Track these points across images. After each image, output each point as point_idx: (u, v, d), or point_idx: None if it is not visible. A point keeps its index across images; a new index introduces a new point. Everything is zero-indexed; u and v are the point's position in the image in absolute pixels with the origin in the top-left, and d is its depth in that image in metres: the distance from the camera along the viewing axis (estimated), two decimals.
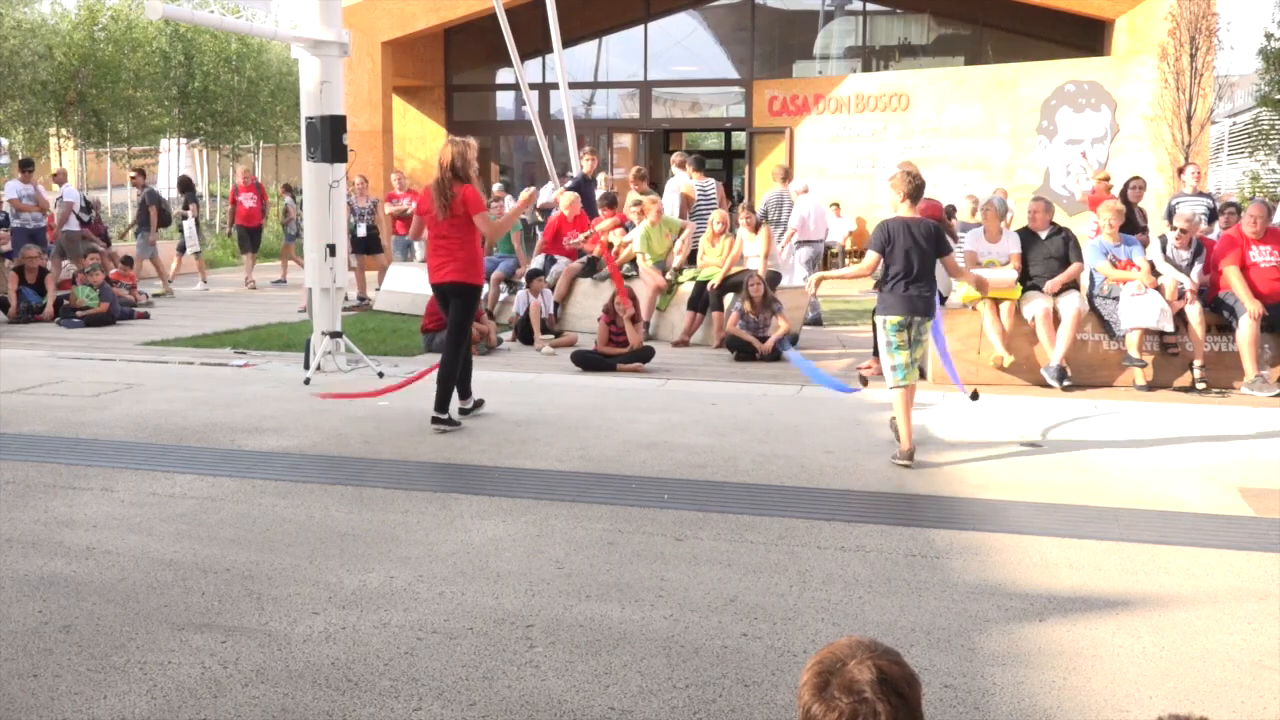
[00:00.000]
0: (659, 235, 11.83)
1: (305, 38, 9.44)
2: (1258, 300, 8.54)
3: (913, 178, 6.60)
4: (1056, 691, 3.56)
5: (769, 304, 10.45)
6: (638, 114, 23.06)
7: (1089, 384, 8.74)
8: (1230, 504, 5.64)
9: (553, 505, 5.56)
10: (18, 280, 13.26)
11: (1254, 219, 8.86)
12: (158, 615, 4.15)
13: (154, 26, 21.38)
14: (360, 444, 6.88)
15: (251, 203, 17.31)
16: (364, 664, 3.73)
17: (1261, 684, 3.62)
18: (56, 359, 10.17)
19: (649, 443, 6.88)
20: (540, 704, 3.46)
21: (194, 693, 3.52)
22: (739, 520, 5.31)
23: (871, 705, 1.76)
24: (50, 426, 7.30)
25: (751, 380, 9.17)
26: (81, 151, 23.64)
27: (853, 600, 4.33)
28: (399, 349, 10.68)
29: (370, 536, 5.08)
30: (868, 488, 5.94)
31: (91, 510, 5.46)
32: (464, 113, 23.73)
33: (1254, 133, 19.72)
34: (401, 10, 21.08)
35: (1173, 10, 16.75)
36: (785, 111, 20.92)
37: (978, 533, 5.16)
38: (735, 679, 3.63)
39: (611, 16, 22.67)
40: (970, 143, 19.13)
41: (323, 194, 9.51)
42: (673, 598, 4.33)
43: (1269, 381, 8.44)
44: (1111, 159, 18.35)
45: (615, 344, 10.06)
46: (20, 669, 3.69)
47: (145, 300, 14.55)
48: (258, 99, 24.40)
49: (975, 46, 21.61)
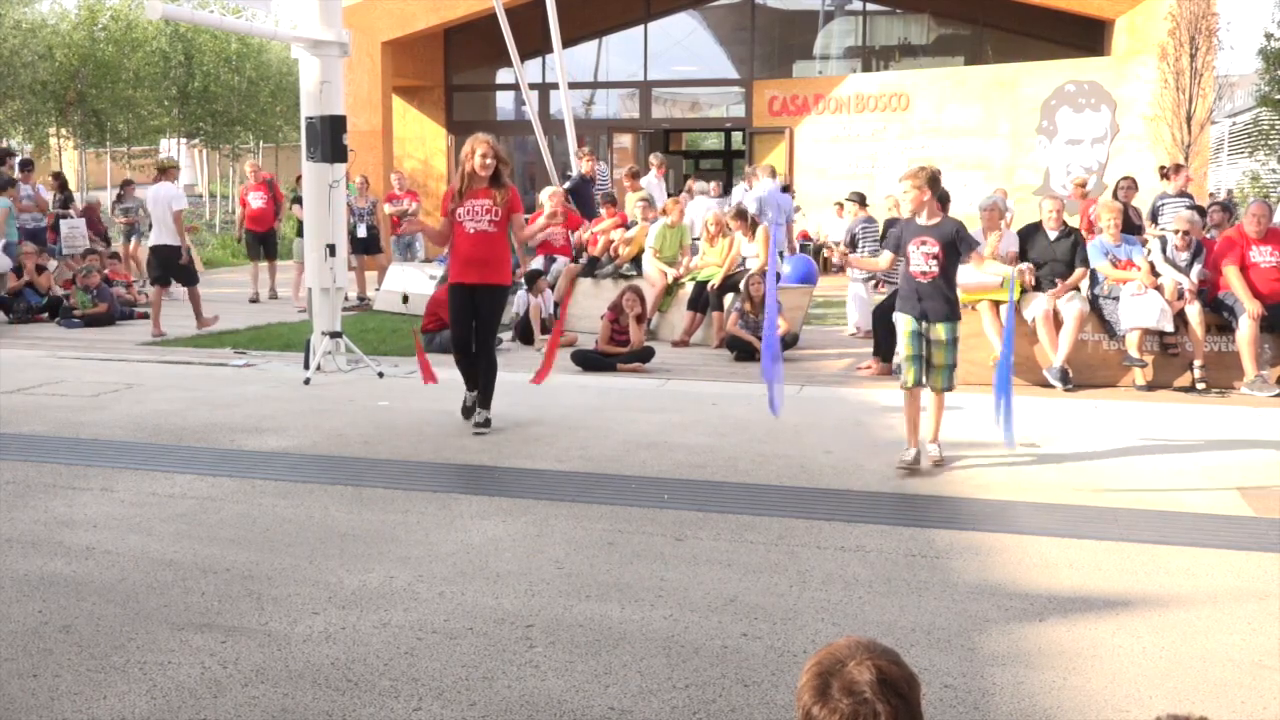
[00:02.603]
0: (674, 237, 11.85)
1: (305, 38, 9.44)
2: (1257, 300, 8.54)
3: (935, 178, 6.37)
4: (1056, 691, 3.56)
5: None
6: (638, 114, 23.07)
7: (1089, 384, 8.73)
8: (1230, 504, 5.64)
9: (553, 505, 5.56)
10: (18, 280, 13.26)
11: (1255, 218, 8.86)
12: (158, 615, 4.15)
13: (154, 26, 21.39)
14: (360, 444, 6.88)
15: (260, 203, 15.14)
16: (364, 664, 3.73)
17: (1261, 684, 3.62)
18: (56, 359, 10.17)
19: (649, 443, 6.88)
20: (540, 704, 3.46)
21: (194, 693, 3.52)
22: (739, 520, 5.31)
23: (871, 706, 1.76)
24: (50, 426, 7.30)
25: (751, 380, 9.15)
26: (81, 151, 23.65)
27: (853, 600, 4.32)
28: (399, 349, 10.67)
29: (370, 536, 5.08)
30: (868, 488, 5.94)
31: (91, 510, 5.46)
32: (464, 113, 23.72)
33: (1254, 133, 19.74)
34: (401, 10, 21.09)
35: (1173, 10, 16.75)
36: (785, 111, 20.92)
37: (978, 533, 5.16)
38: (735, 679, 3.63)
39: (611, 16, 22.67)
40: (970, 143, 19.13)
41: (323, 194, 9.51)
42: (673, 598, 4.33)
43: (1269, 381, 8.44)
44: (1111, 159, 18.36)
45: (617, 342, 10.06)
46: (20, 669, 3.69)
47: (145, 300, 14.54)
48: (258, 99, 24.41)
49: (975, 46, 21.61)
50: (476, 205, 7.03)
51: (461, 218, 7.05)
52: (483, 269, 7.07)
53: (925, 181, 6.24)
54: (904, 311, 6.37)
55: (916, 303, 6.29)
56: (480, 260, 7.05)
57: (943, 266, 6.25)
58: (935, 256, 6.23)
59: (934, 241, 6.24)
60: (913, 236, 6.32)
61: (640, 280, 11.68)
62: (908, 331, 6.31)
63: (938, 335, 6.26)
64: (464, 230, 7.05)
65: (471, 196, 7.05)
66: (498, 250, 7.12)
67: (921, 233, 6.30)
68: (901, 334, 6.39)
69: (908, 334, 6.31)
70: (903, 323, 6.37)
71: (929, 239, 6.26)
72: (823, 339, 11.72)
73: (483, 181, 7.04)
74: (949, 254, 6.26)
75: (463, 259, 7.12)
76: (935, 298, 6.26)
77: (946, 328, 6.27)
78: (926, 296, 6.26)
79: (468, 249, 7.07)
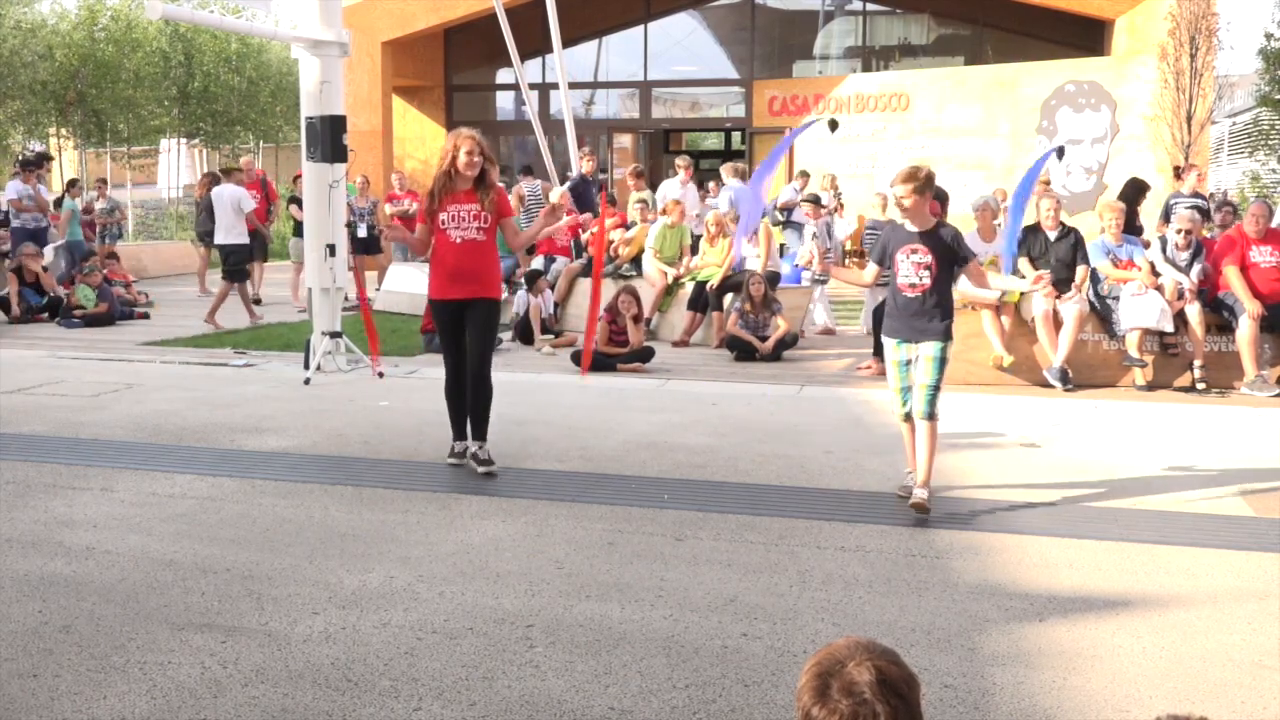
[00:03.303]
0: (674, 237, 11.85)
1: (305, 38, 9.44)
2: (1257, 300, 8.55)
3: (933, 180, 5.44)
4: (1056, 691, 3.56)
5: (769, 304, 10.45)
6: (638, 114, 23.08)
7: (1089, 384, 8.73)
8: (1230, 504, 5.64)
9: (553, 505, 5.56)
10: (18, 281, 13.27)
11: (1255, 218, 8.86)
12: (158, 615, 4.15)
13: (154, 26, 21.39)
14: (360, 444, 6.88)
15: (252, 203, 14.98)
16: (364, 664, 3.73)
17: (1261, 684, 3.62)
18: (56, 359, 10.17)
19: (649, 443, 6.88)
20: (540, 704, 3.46)
21: (194, 693, 3.52)
22: (739, 520, 5.31)
23: (871, 706, 1.76)
24: (50, 426, 7.30)
25: (751, 380, 9.17)
26: (81, 151, 23.64)
27: (853, 600, 4.32)
28: (399, 349, 10.68)
29: (370, 536, 5.08)
30: (867, 488, 5.93)
31: (91, 510, 5.46)
32: (464, 113, 23.73)
33: (1254, 133, 19.74)
34: (401, 10, 21.09)
35: (1173, 10, 16.76)
36: (785, 111, 20.93)
37: (978, 533, 5.16)
38: (735, 679, 3.63)
39: (611, 16, 22.68)
40: (970, 143, 19.13)
41: (323, 194, 9.51)
42: (673, 598, 4.33)
43: (1269, 381, 8.44)
44: (1111, 159, 18.36)
45: (615, 343, 10.06)
46: (20, 669, 3.69)
47: (145, 300, 14.54)
48: (258, 99, 24.42)
49: (975, 46, 21.62)
50: (461, 211, 6.08)
51: (445, 225, 6.10)
52: (473, 282, 6.14)
53: (925, 185, 5.33)
54: (891, 334, 5.53)
55: (906, 321, 5.43)
56: (470, 273, 6.13)
57: (936, 278, 5.36)
58: (928, 267, 5.35)
59: (926, 250, 5.36)
60: (901, 244, 5.43)
61: (640, 280, 11.68)
62: (894, 361, 5.50)
63: (925, 353, 5.39)
64: (449, 240, 6.11)
65: (453, 200, 6.10)
66: (488, 260, 6.24)
67: (911, 240, 5.40)
68: (889, 362, 5.58)
69: (895, 364, 5.50)
70: (889, 348, 5.55)
71: (920, 247, 5.37)
72: (823, 339, 11.73)
73: (467, 182, 6.11)
74: (943, 264, 5.38)
75: (449, 272, 6.16)
76: (927, 315, 5.38)
77: (937, 347, 5.38)
78: (916, 314, 5.39)
79: (454, 260, 6.12)
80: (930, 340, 5.37)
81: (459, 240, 6.10)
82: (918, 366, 5.39)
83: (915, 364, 5.40)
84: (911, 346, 5.41)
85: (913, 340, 5.40)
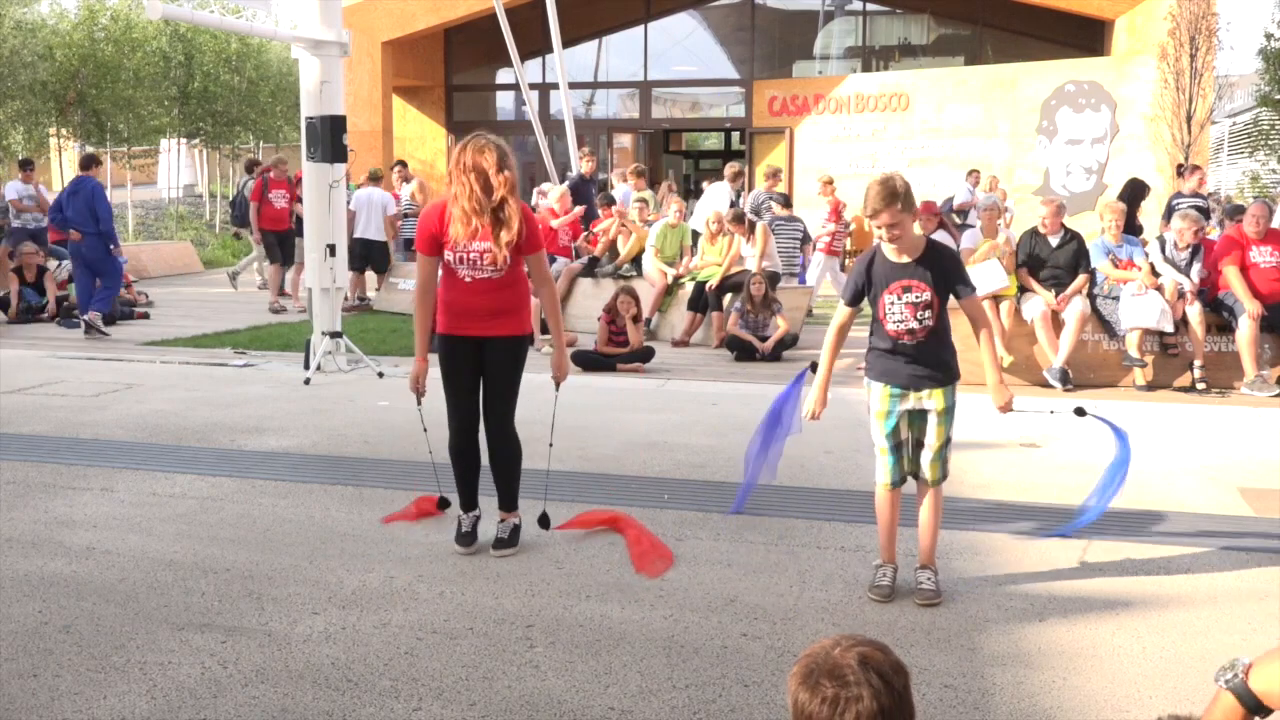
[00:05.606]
0: (675, 237, 11.85)
1: (305, 38, 9.44)
2: (1257, 300, 8.55)
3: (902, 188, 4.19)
4: (1056, 691, 3.56)
5: (769, 304, 10.46)
6: (638, 114, 23.08)
7: (1089, 384, 8.74)
8: (1230, 504, 5.64)
9: (553, 505, 5.55)
10: (18, 280, 13.27)
11: (1255, 219, 8.86)
12: (158, 615, 4.15)
13: (154, 26, 21.38)
14: (360, 444, 6.88)
15: (283, 203, 14.49)
16: (364, 664, 3.73)
17: None
18: (56, 359, 10.17)
19: (649, 443, 6.87)
20: (540, 704, 3.46)
21: (194, 693, 3.52)
22: (739, 520, 5.31)
23: (855, 689, 1.82)
24: (50, 426, 7.30)
25: (751, 380, 9.16)
26: (81, 152, 23.61)
27: (853, 600, 4.32)
28: (399, 349, 10.68)
29: (370, 536, 5.08)
30: (868, 488, 5.91)
31: (91, 510, 5.46)
32: (464, 113, 23.74)
33: (1254, 133, 19.74)
34: (401, 10, 21.10)
35: (1173, 10, 16.77)
36: (785, 111, 20.94)
37: (978, 533, 5.16)
38: (735, 679, 3.63)
39: (611, 16, 22.70)
40: (970, 143, 19.14)
41: (323, 194, 9.51)
42: (673, 598, 4.33)
43: (1269, 381, 8.45)
44: (1111, 159, 18.37)
45: (615, 344, 10.06)
46: (20, 669, 3.69)
47: (145, 300, 14.54)
48: (258, 99, 24.40)
49: (975, 46, 21.63)
50: (472, 250, 4.67)
51: (451, 262, 4.72)
52: (492, 319, 4.78)
53: (907, 199, 4.18)
54: (881, 379, 4.39)
55: (902, 367, 4.33)
56: (487, 311, 4.76)
57: (938, 316, 4.30)
58: (928, 306, 4.25)
59: (922, 285, 4.25)
60: (890, 282, 4.28)
61: (640, 280, 11.69)
62: (884, 412, 4.37)
63: (934, 405, 4.33)
64: (457, 278, 4.74)
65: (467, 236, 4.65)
66: (510, 295, 4.80)
67: (902, 274, 4.26)
68: (876, 414, 4.39)
69: (884, 415, 4.37)
70: (878, 395, 4.38)
71: (914, 282, 4.25)
72: (821, 340, 11.71)
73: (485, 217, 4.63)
74: (943, 295, 4.30)
75: (458, 310, 4.79)
76: (929, 362, 4.33)
77: (946, 393, 4.34)
78: (914, 359, 4.33)
79: (464, 300, 4.76)
80: (936, 387, 4.32)
81: (470, 280, 4.74)
82: (923, 423, 4.37)
83: (916, 418, 4.38)
84: (911, 395, 4.34)
85: (913, 388, 4.33)
